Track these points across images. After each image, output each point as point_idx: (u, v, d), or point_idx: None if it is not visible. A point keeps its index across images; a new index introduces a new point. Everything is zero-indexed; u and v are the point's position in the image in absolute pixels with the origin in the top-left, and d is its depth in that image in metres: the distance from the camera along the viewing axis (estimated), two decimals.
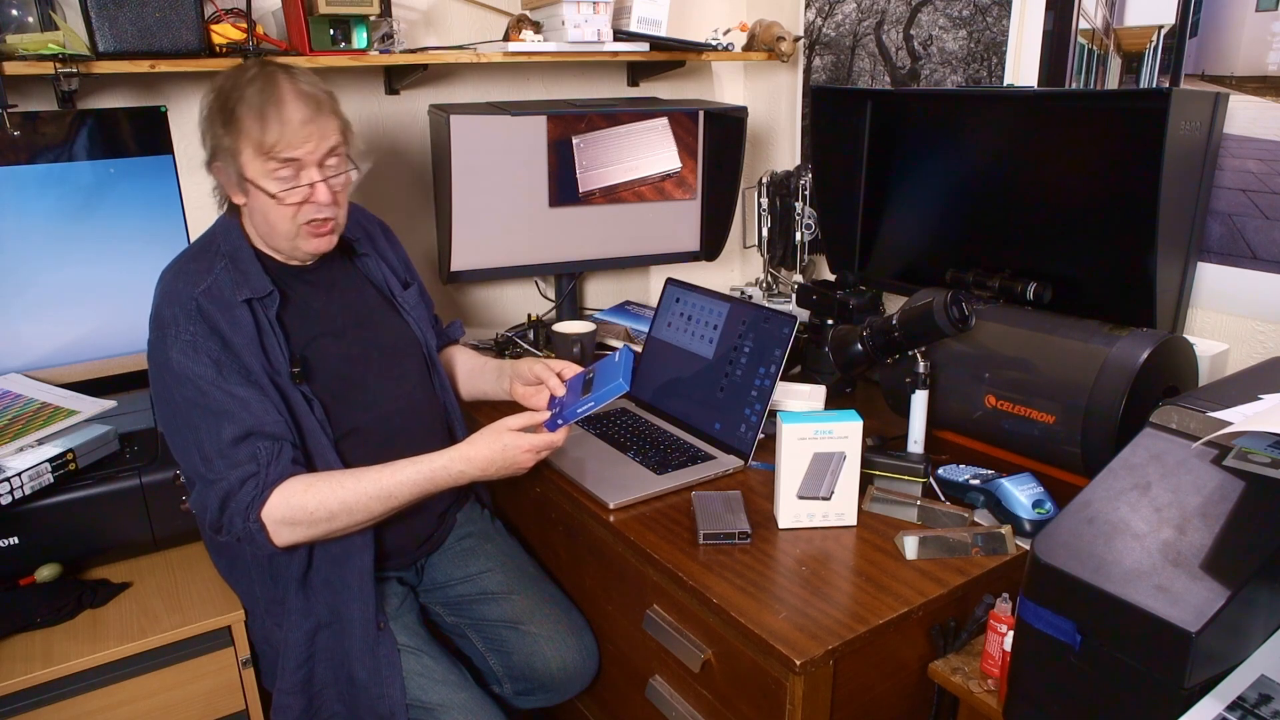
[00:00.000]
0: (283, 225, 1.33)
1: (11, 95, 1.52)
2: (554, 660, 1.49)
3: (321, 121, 1.31)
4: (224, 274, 1.32)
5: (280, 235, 1.35)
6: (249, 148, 1.28)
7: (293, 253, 1.39)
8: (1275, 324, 1.46)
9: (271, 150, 1.27)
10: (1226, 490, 0.95)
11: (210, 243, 1.38)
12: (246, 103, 1.27)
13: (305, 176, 1.31)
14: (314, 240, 1.36)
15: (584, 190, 2.10)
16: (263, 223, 1.35)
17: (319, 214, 1.34)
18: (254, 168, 1.29)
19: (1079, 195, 1.54)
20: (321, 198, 1.32)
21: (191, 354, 1.27)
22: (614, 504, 1.41)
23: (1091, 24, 1.62)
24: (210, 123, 1.31)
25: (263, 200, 1.31)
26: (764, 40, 2.10)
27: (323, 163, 1.32)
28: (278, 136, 1.27)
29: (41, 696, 1.32)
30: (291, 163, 1.29)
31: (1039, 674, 1.00)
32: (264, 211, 1.32)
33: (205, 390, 1.26)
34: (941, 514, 1.34)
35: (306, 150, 1.29)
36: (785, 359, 1.53)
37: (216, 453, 1.25)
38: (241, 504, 1.25)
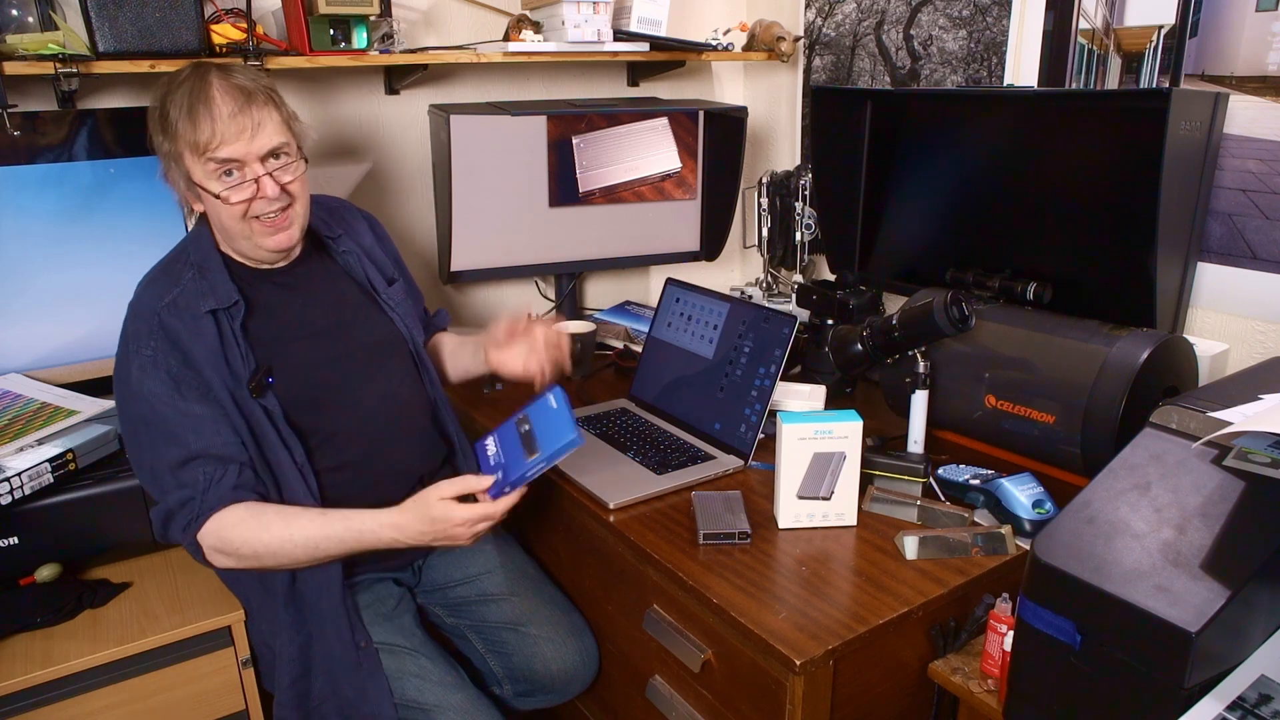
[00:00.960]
0: (234, 225, 1.31)
1: (11, 95, 1.52)
2: (554, 662, 1.49)
3: (255, 113, 1.27)
4: (191, 284, 1.31)
5: (236, 236, 1.33)
6: (187, 150, 1.26)
7: (254, 253, 1.36)
8: (1275, 324, 1.46)
9: (206, 149, 1.25)
10: (1226, 490, 0.95)
11: (181, 253, 1.37)
12: (177, 105, 1.25)
13: (249, 172, 1.28)
14: (271, 236, 1.33)
15: (584, 190, 2.10)
16: (219, 226, 1.34)
17: (269, 208, 1.31)
18: (197, 170, 1.28)
19: (1079, 195, 1.54)
20: (269, 191, 1.29)
21: (150, 370, 1.27)
22: (614, 504, 1.41)
23: (1091, 24, 1.62)
24: (151, 132, 1.30)
25: (212, 202, 1.30)
26: (764, 40, 2.10)
27: (265, 158, 1.29)
28: (209, 134, 1.24)
29: (41, 696, 1.32)
30: (232, 162, 1.27)
31: (1039, 674, 1.00)
32: (217, 213, 1.32)
33: (157, 409, 1.27)
34: (941, 514, 1.34)
35: (241, 146, 1.26)
36: (785, 359, 1.53)
37: (165, 471, 1.27)
38: (179, 525, 1.27)
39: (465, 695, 1.40)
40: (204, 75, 1.27)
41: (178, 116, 1.25)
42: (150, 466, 1.29)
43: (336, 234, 1.50)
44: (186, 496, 1.26)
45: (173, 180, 1.33)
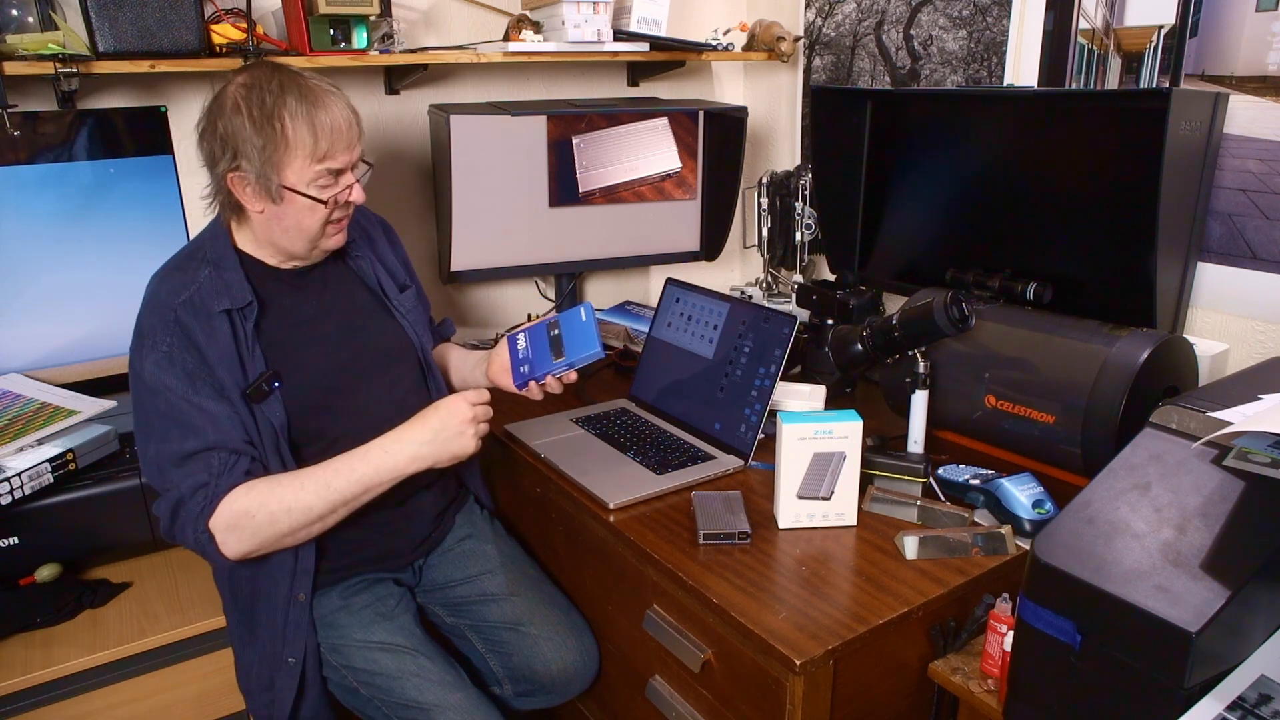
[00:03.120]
0: (314, 228, 1.33)
1: (11, 95, 1.52)
2: (554, 662, 1.49)
3: (357, 126, 1.33)
4: (207, 282, 1.32)
5: (307, 237, 1.34)
6: (300, 157, 1.27)
7: (309, 253, 1.39)
8: (1275, 324, 1.46)
9: (325, 155, 1.28)
10: (1226, 490, 0.95)
11: (197, 250, 1.37)
12: (291, 112, 1.26)
13: (345, 179, 1.33)
14: (336, 236, 1.38)
15: (584, 190, 2.10)
16: (291, 227, 1.33)
17: (346, 213, 1.37)
18: (299, 176, 1.28)
19: (1079, 195, 1.54)
20: (357, 197, 1.35)
21: (166, 365, 1.27)
22: (614, 504, 1.41)
23: (1091, 24, 1.62)
24: (238, 130, 1.26)
25: (299, 205, 1.30)
26: (764, 40, 2.10)
27: (354, 167, 1.34)
28: (330, 143, 1.28)
29: (41, 696, 1.33)
30: (336, 172, 1.31)
31: (1039, 674, 1.00)
32: (296, 217, 1.32)
33: (174, 403, 1.27)
34: (941, 514, 1.34)
35: (350, 154, 1.32)
36: (785, 359, 1.53)
37: (173, 463, 1.26)
38: (191, 513, 1.24)
39: (465, 695, 1.40)
40: (306, 86, 1.29)
41: (294, 121, 1.26)
42: (161, 459, 1.27)
43: (352, 238, 1.51)
44: (201, 481, 1.25)
45: (239, 180, 1.29)
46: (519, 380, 1.45)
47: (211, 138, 1.30)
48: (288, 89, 1.27)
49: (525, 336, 1.49)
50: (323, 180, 1.30)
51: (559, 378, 1.46)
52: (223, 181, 1.31)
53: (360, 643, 1.41)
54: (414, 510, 1.52)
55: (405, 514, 1.50)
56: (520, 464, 1.64)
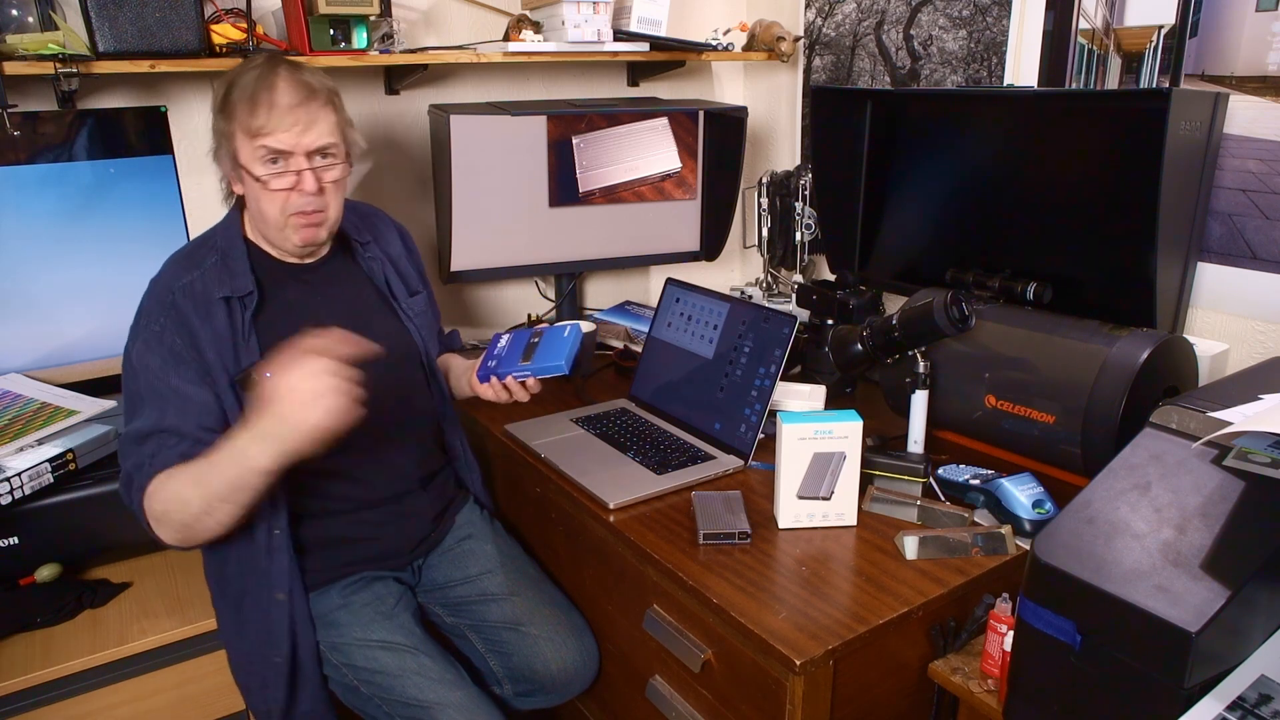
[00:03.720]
0: (271, 213, 1.34)
1: (11, 95, 1.52)
2: (554, 662, 1.49)
3: (311, 109, 1.31)
4: (212, 270, 1.34)
5: (270, 224, 1.36)
6: (240, 131, 1.30)
7: (283, 244, 1.39)
8: (1275, 324, 1.46)
9: (258, 134, 1.29)
10: (1226, 490, 0.95)
11: (210, 237, 1.40)
12: (241, 88, 1.29)
13: (294, 164, 1.32)
14: (301, 231, 1.36)
15: (584, 190, 2.10)
16: (255, 211, 1.36)
17: (306, 205, 1.34)
18: (245, 152, 1.30)
19: (1079, 195, 1.54)
20: (307, 187, 1.32)
21: (153, 345, 1.29)
22: (614, 504, 1.41)
23: (1091, 24, 1.62)
24: (213, 109, 1.34)
25: (253, 186, 1.32)
26: (764, 40, 2.10)
27: (312, 154, 1.33)
28: (264, 120, 1.28)
29: (41, 696, 1.33)
30: (280, 152, 1.30)
31: (1039, 674, 1.00)
32: (255, 198, 1.34)
33: (149, 382, 1.28)
34: (941, 514, 1.34)
35: (292, 137, 1.29)
36: (785, 359, 1.53)
37: (134, 440, 1.27)
38: (133, 491, 1.25)
39: (465, 693, 1.40)
40: (274, 66, 1.32)
41: (239, 98, 1.29)
42: (128, 435, 1.28)
43: (365, 240, 1.53)
44: (140, 462, 1.25)
45: (219, 159, 1.36)
46: (481, 372, 1.47)
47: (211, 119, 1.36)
48: (254, 70, 1.30)
49: (509, 337, 1.52)
50: (264, 159, 1.30)
51: (521, 382, 1.45)
52: (214, 161, 1.36)
53: (360, 641, 1.41)
54: (412, 510, 1.52)
55: (403, 513, 1.50)
56: (520, 464, 1.64)
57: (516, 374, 1.42)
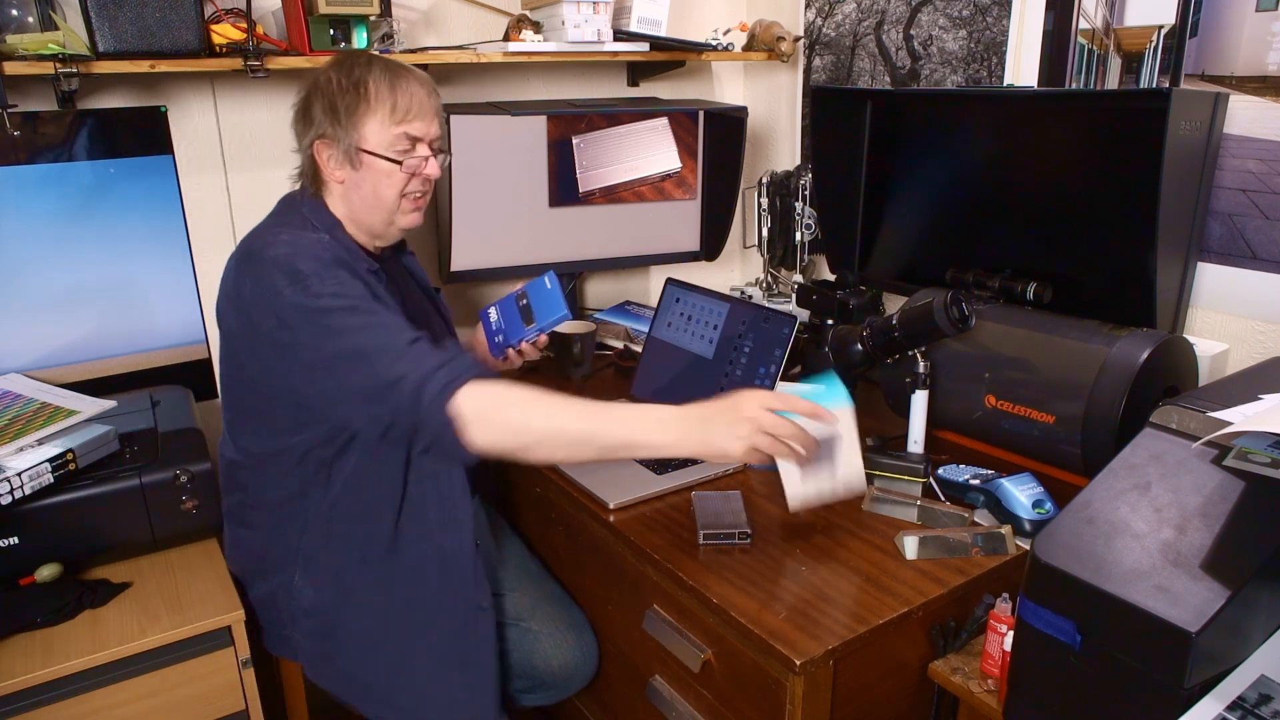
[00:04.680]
0: (390, 196, 1.36)
1: (11, 95, 1.52)
2: (554, 658, 1.50)
3: (437, 104, 1.38)
4: (333, 245, 1.31)
5: (384, 207, 1.37)
6: (379, 116, 1.31)
7: (385, 229, 1.41)
8: (1275, 324, 1.46)
9: (403, 118, 1.32)
10: (1226, 490, 0.95)
11: (299, 220, 1.35)
12: (375, 78, 1.32)
13: (420, 151, 1.36)
14: (411, 214, 1.40)
15: (584, 190, 2.10)
16: (369, 195, 1.35)
17: (423, 188, 1.39)
18: (378, 138, 1.32)
19: (1079, 195, 1.54)
20: (432, 171, 1.38)
21: (348, 286, 1.23)
22: (614, 504, 1.41)
23: (1091, 24, 1.62)
24: (325, 98, 1.32)
25: (377, 170, 1.33)
26: (764, 40, 2.10)
27: (433, 144, 1.37)
28: (408, 106, 1.32)
29: (41, 696, 1.32)
30: (415, 138, 1.34)
31: (1039, 674, 1.00)
32: (374, 183, 1.34)
33: (372, 309, 1.22)
34: (941, 514, 1.34)
35: (427, 125, 1.35)
36: (785, 359, 1.53)
37: (399, 353, 1.18)
38: (434, 389, 1.14)
39: None
40: (393, 60, 1.36)
41: (377, 86, 1.31)
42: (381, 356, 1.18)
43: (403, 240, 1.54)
44: (442, 360, 1.17)
45: (324, 147, 1.34)
46: (495, 350, 1.53)
47: (304, 112, 1.36)
48: (375, 62, 1.35)
49: (496, 309, 1.57)
50: (400, 145, 1.33)
51: (533, 343, 1.53)
52: (310, 150, 1.36)
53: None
54: None
55: None
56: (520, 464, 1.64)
57: (528, 337, 1.49)
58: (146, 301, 1.79)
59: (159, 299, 1.81)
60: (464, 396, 1.15)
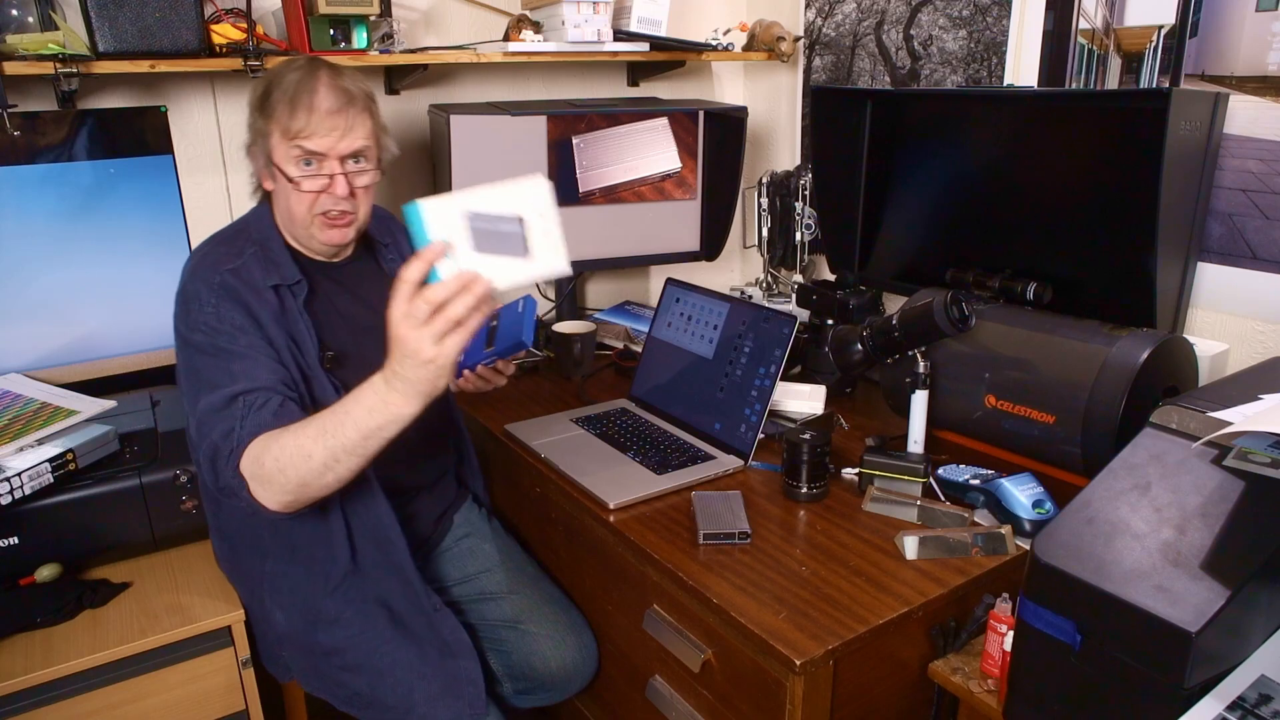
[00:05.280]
0: (300, 212, 1.35)
1: (11, 95, 1.52)
2: (554, 659, 1.49)
3: (350, 116, 1.32)
4: (253, 259, 1.33)
5: (298, 223, 1.36)
6: (277, 131, 1.30)
7: (309, 243, 1.40)
8: (1275, 324, 1.46)
9: (296, 136, 1.30)
10: (1226, 490, 0.95)
11: (242, 229, 1.39)
12: (282, 89, 1.30)
13: (326, 168, 1.33)
14: (328, 231, 1.37)
15: (584, 190, 2.10)
16: (284, 209, 1.37)
17: (335, 206, 1.35)
18: (280, 152, 1.31)
19: (1079, 195, 1.54)
20: (339, 190, 1.34)
21: (213, 321, 1.26)
22: (614, 504, 1.41)
23: (1091, 24, 1.62)
24: (251, 106, 1.35)
25: (284, 185, 1.33)
26: (764, 40, 2.10)
27: (345, 158, 1.33)
28: (304, 124, 1.29)
29: (41, 696, 1.32)
30: (315, 155, 1.31)
31: (1039, 674, 1.00)
32: (285, 196, 1.34)
33: (211, 356, 1.25)
34: (941, 514, 1.34)
35: (329, 141, 1.31)
36: (785, 359, 1.53)
37: (214, 412, 1.21)
38: (224, 460, 1.19)
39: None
40: (315, 69, 1.33)
41: (279, 99, 1.30)
42: (205, 412, 1.22)
43: (386, 241, 1.54)
44: (229, 428, 1.20)
45: (253, 155, 1.37)
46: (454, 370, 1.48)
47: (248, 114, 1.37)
48: (296, 71, 1.31)
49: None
50: (298, 160, 1.31)
51: (492, 367, 1.45)
52: (247, 156, 1.37)
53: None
54: (413, 513, 1.52)
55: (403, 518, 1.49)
56: (520, 464, 1.64)
57: (484, 360, 1.40)
58: (146, 301, 1.79)
59: (159, 299, 1.80)
60: (244, 461, 1.18)
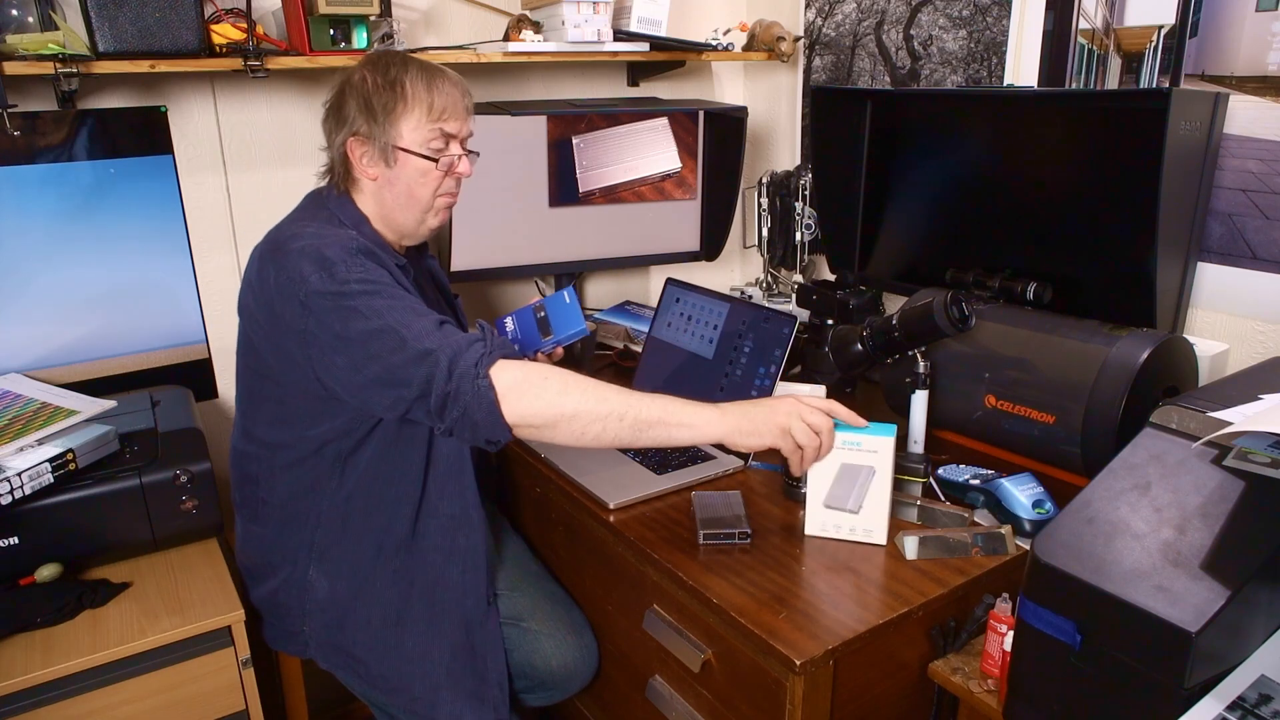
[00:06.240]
0: (424, 195, 1.37)
1: (11, 95, 1.52)
2: (554, 658, 1.50)
3: (470, 103, 1.39)
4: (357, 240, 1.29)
5: (417, 206, 1.38)
6: (416, 114, 1.32)
7: (416, 229, 1.41)
8: (1275, 324, 1.46)
9: (439, 117, 1.33)
10: (1226, 490, 0.95)
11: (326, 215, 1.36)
12: (412, 77, 1.33)
13: (453, 149, 1.37)
14: (442, 214, 1.41)
15: (584, 190, 2.10)
16: (402, 193, 1.36)
17: (455, 187, 1.40)
18: (414, 135, 1.33)
19: (1079, 195, 1.54)
20: (465, 170, 1.39)
21: (374, 273, 1.23)
22: (614, 504, 1.41)
23: (1091, 24, 1.62)
24: (360, 97, 1.32)
25: (412, 168, 1.34)
26: (764, 40, 2.10)
27: (464, 143, 1.39)
28: (445, 104, 1.34)
29: (41, 696, 1.32)
30: (450, 136, 1.36)
31: (1039, 674, 1.00)
32: (408, 181, 1.35)
33: (399, 295, 1.23)
34: (941, 514, 1.34)
35: (460, 123, 1.37)
36: (785, 359, 1.53)
37: (428, 331, 1.18)
38: (470, 360, 1.16)
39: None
40: (426, 61, 1.38)
41: (414, 84, 1.32)
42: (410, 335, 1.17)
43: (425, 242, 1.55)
44: (476, 337, 1.21)
45: (358, 144, 1.34)
46: None
47: (336, 110, 1.36)
48: (411, 62, 1.36)
49: (513, 319, 1.60)
50: (436, 142, 1.35)
51: (549, 354, 1.57)
52: (342, 148, 1.36)
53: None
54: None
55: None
56: (520, 464, 1.64)
57: (544, 349, 1.51)
58: (146, 301, 1.79)
59: (159, 299, 1.81)
60: (499, 369, 1.17)
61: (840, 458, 1.28)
